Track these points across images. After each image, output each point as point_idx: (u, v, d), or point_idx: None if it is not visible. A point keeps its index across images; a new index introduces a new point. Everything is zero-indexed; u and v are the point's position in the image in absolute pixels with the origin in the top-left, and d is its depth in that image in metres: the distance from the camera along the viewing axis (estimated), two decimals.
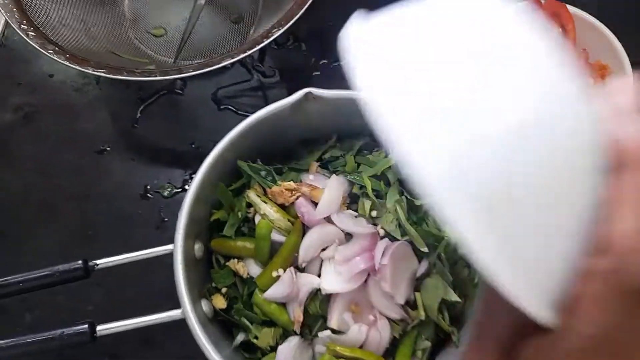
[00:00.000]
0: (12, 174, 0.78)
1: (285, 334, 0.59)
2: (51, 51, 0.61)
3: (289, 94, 0.59)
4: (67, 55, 0.60)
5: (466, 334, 0.55)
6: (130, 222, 0.75)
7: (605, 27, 0.75)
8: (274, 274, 0.57)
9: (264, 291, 0.58)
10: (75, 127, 0.80)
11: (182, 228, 0.55)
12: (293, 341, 0.57)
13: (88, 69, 0.59)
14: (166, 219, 0.75)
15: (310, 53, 0.84)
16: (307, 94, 0.58)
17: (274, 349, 0.58)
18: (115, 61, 0.70)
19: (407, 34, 0.29)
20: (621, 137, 0.27)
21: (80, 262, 0.54)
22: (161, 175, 0.77)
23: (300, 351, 0.57)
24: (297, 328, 0.57)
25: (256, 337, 0.58)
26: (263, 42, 0.61)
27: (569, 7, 0.76)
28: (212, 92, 0.82)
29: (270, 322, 0.59)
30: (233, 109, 0.81)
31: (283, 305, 0.59)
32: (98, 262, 0.55)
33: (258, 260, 0.59)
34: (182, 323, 0.54)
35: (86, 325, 0.52)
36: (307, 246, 0.58)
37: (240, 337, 0.61)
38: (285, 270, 0.57)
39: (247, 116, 0.59)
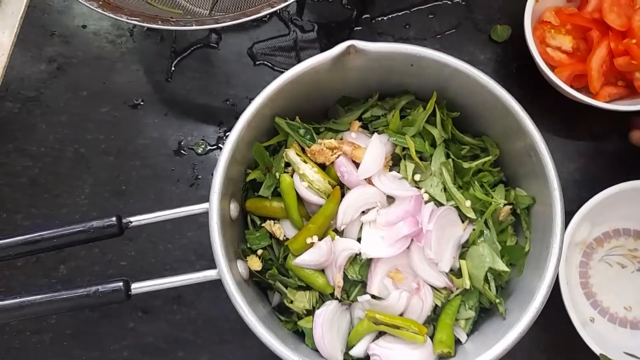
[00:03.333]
0: (47, 126, 0.76)
1: (322, 298, 0.57)
2: None
3: (328, 49, 0.55)
4: (100, 2, 0.58)
5: (513, 305, 0.53)
6: (164, 179, 0.73)
7: None
8: (309, 240, 0.55)
9: (297, 256, 0.56)
10: (109, 79, 0.78)
11: (217, 187, 0.53)
12: (331, 305, 0.55)
13: (122, 17, 0.56)
14: (200, 177, 0.73)
15: (352, 7, 0.79)
16: (349, 47, 0.54)
17: (310, 312, 0.57)
18: (150, 11, 0.67)
19: None
20: None
21: (114, 218, 0.53)
22: (195, 132, 0.75)
23: (338, 316, 0.56)
24: (337, 293, 0.56)
25: (291, 302, 0.57)
26: None
27: None
28: (248, 47, 0.79)
29: (306, 286, 0.57)
30: (269, 65, 0.78)
31: (319, 269, 0.57)
32: (132, 219, 0.54)
33: (291, 221, 0.57)
34: (213, 282, 0.53)
35: (121, 283, 0.51)
36: (347, 208, 0.55)
37: (276, 300, 0.60)
38: (320, 238, 0.55)
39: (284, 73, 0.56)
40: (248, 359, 0.68)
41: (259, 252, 0.59)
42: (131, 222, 0.53)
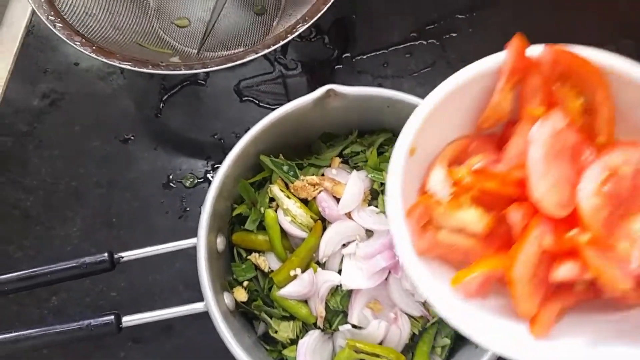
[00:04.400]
0: (40, 160, 0.79)
1: (305, 327, 0.60)
2: (78, 43, 0.61)
3: (311, 87, 0.59)
4: (94, 47, 0.61)
5: None
6: (153, 211, 0.76)
7: None
8: (292, 272, 0.58)
9: (281, 287, 0.59)
10: (100, 115, 0.81)
11: (205, 222, 0.56)
12: (314, 335, 0.58)
13: (114, 62, 0.60)
14: (188, 209, 0.76)
15: (333, 46, 0.83)
16: (329, 91, 0.58)
17: (294, 342, 0.59)
18: (140, 53, 0.71)
19: None
20: None
21: (106, 254, 0.55)
22: (183, 165, 0.78)
23: (320, 344, 0.58)
24: (320, 324, 0.58)
25: (276, 332, 0.59)
26: (287, 37, 0.61)
27: (595, 55, 0.42)
28: (234, 83, 0.82)
29: (290, 316, 0.60)
30: (255, 100, 0.81)
31: (302, 300, 0.59)
32: (123, 254, 0.57)
33: (275, 254, 0.60)
34: (201, 313, 0.55)
35: (112, 317, 0.53)
36: (328, 241, 0.58)
37: (261, 329, 0.62)
38: (303, 270, 0.58)
39: (269, 108, 0.60)
40: None
41: (245, 283, 0.62)
42: (122, 258, 0.56)
